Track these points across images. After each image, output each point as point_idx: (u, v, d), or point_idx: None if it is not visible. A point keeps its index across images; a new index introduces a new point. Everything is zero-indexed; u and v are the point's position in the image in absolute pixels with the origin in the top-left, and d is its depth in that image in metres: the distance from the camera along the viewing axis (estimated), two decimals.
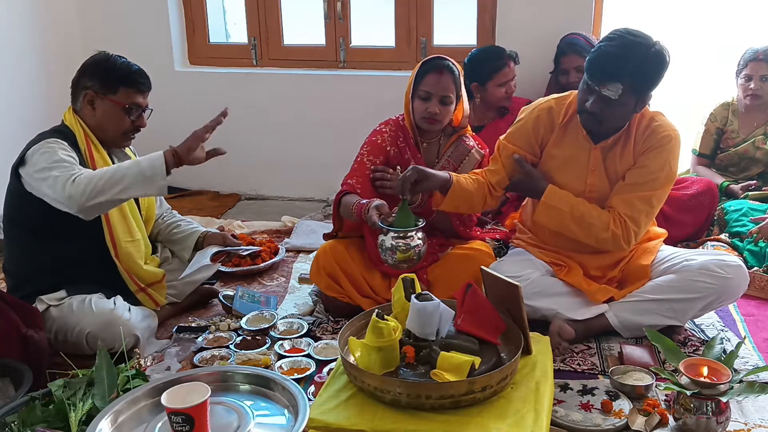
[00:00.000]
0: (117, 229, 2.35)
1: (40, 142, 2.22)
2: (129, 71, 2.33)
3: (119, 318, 2.23)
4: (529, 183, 2.35)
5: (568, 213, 2.26)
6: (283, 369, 2.18)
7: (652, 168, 2.23)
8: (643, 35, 2.13)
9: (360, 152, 2.60)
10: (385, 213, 2.21)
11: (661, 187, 2.25)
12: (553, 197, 2.29)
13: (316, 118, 3.99)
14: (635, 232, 2.24)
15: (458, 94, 2.51)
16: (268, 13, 4.02)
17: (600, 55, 2.14)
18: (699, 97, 3.78)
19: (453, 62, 2.51)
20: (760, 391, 1.79)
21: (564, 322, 2.28)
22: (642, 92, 2.16)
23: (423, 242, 2.12)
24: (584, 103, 2.21)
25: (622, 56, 2.10)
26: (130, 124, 2.35)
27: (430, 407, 1.56)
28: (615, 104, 2.15)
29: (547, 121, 2.36)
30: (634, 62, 2.10)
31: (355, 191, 2.46)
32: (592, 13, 3.58)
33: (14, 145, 2.42)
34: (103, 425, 1.37)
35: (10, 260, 2.38)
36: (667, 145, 2.24)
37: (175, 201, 3.95)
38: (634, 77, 2.11)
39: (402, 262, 2.10)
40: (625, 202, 2.24)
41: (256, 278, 2.99)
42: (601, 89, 2.13)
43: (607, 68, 2.11)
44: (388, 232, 2.10)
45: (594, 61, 2.16)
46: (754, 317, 2.57)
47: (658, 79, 2.16)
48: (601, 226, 2.23)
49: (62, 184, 2.10)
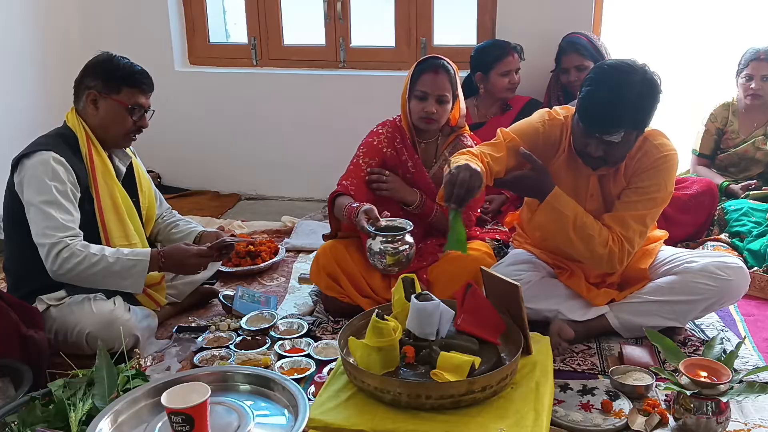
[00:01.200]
0: (113, 234, 2.35)
1: (38, 157, 2.20)
2: (132, 71, 2.33)
3: (119, 318, 2.22)
4: (537, 180, 2.20)
5: (571, 219, 2.17)
6: (283, 369, 2.18)
7: (649, 189, 2.19)
8: (628, 67, 2.05)
9: (356, 153, 2.60)
10: (373, 217, 2.20)
11: (656, 206, 2.21)
12: (560, 200, 2.18)
13: (316, 118, 3.99)
14: (629, 252, 2.20)
15: (455, 94, 2.51)
16: (268, 13, 4.02)
17: (594, 104, 2.05)
18: (699, 97, 3.78)
19: (449, 62, 2.51)
20: (760, 391, 1.79)
21: (564, 322, 2.28)
22: (643, 126, 2.12)
23: (410, 246, 2.13)
24: (585, 147, 2.14)
25: (617, 102, 2.01)
26: (132, 124, 2.35)
27: (430, 407, 1.56)
28: (619, 145, 2.09)
29: (557, 137, 2.28)
30: (631, 103, 2.03)
31: (348, 192, 2.46)
32: (592, 13, 3.58)
33: (14, 145, 2.43)
34: (103, 425, 1.37)
35: (11, 259, 2.37)
36: (662, 166, 2.19)
37: (175, 201, 3.95)
38: (633, 118, 2.06)
39: (391, 265, 2.11)
40: (619, 221, 2.19)
41: (256, 278, 2.99)
42: (602, 136, 2.07)
43: (606, 117, 2.04)
44: (375, 236, 2.11)
45: (589, 110, 2.07)
46: (754, 317, 2.57)
47: (655, 107, 2.10)
48: (600, 241, 2.17)
49: (47, 248, 2.14)
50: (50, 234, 2.15)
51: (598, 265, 2.25)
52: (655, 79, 2.07)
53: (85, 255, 2.15)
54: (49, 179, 2.18)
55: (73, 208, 2.22)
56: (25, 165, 2.22)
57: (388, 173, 2.52)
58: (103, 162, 2.35)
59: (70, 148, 2.29)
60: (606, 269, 2.27)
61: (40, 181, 2.18)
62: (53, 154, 2.22)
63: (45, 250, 2.15)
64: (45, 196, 2.17)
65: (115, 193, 2.36)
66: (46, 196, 2.17)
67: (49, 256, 2.14)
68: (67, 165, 2.23)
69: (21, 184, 2.23)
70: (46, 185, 2.18)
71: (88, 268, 2.15)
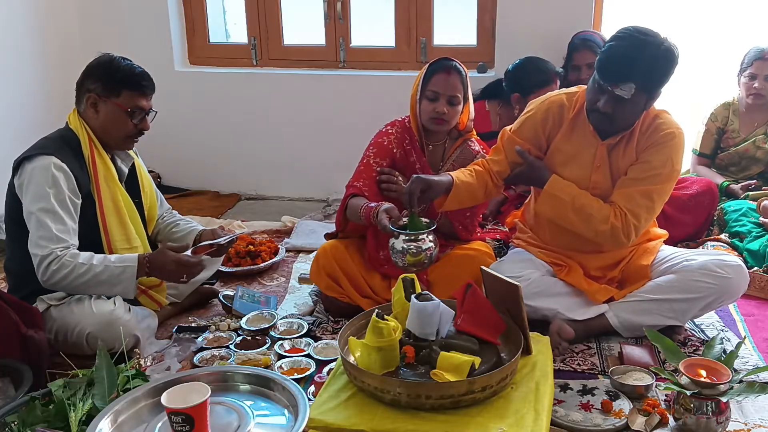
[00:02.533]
0: (114, 237, 2.35)
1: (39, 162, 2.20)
2: (132, 74, 2.32)
3: (119, 318, 2.22)
4: (532, 173, 2.33)
5: (569, 203, 2.25)
6: (283, 369, 2.18)
7: (655, 164, 2.23)
8: (652, 33, 2.12)
9: (365, 154, 2.58)
10: (395, 216, 2.19)
11: (662, 182, 2.24)
12: (556, 186, 2.27)
13: (316, 118, 4.00)
14: (635, 225, 2.22)
15: (465, 96, 2.51)
16: (268, 13, 4.02)
17: (611, 56, 2.13)
18: (699, 97, 3.77)
19: (460, 64, 2.51)
20: (760, 391, 1.79)
21: (564, 322, 2.28)
22: (653, 90, 2.16)
23: (435, 245, 2.09)
24: (595, 102, 2.19)
25: (633, 56, 2.08)
26: (133, 127, 2.34)
27: (430, 407, 1.56)
28: (627, 103, 2.14)
29: (557, 115, 2.34)
30: (646, 61, 2.09)
31: (362, 194, 2.45)
32: (592, 13, 3.58)
33: (15, 145, 2.43)
34: (103, 425, 1.37)
35: (12, 259, 2.37)
36: (670, 142, 2.23)
37: (175, 201, 3.95)
38: (646, 76, 2.10)
39: (412, 265, 2.08)
40: (625, 195, 2.23)
41: (256, 278, 2.99)
42: (613, 89, 2.11)
43: (620, 68, 2.10)
44: (399, 235, 2.09)
45: (605, 62, 2.14)
46: (754, 317, 2.57)
47: (668, 76, 2.15)
48: (600, 218, 2.22)
49: (39, 259, 2.17)
50: (43, 245, 2.17)
51: (605, 241, 2.29)
52: (674, 50, 2.13)
53: (74, 265, 2.17)
54: (48, 186, 2.19)
55: (69, 217, 2.23)
56: (25, 168, 2.22)
57: (398, 175, 2.52)
58: (106, 165, 2.35)
59: (72, 151, 2.29)
60: (613, 245, 2.32)
61: (39, 188, 2.19)
62: (54, 160, 2.22)
63: (37, 260, 2.18)
64: (42, 204, 2.18)
65: (117, 196, 2.36)
66: (43, 204, 2.18)
67: (40, 268, 2.18)
68: (68, 171, 2.23)
69: (21, 187, 2.23)
70: (45, 192, 2.19)
71: (77, 278, 2.18)
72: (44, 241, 2.18)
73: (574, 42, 3.39)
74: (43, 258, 2.17)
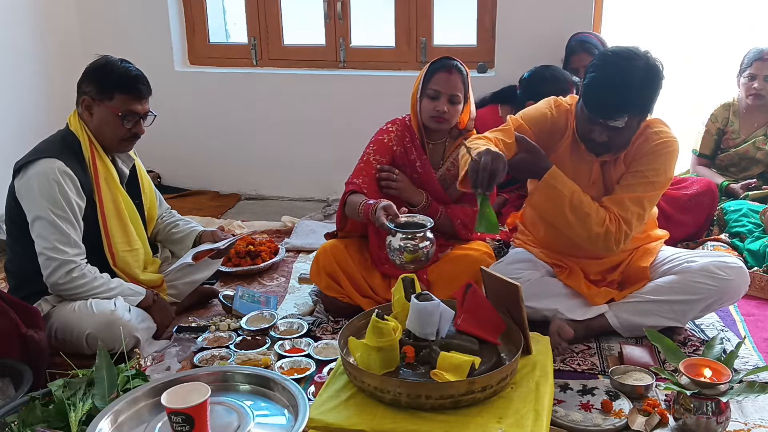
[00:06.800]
0: (115, 239, 2.35)
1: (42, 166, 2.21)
2: (126, 77, 2.30)
3: (119, 319, 2.22)
4: (532, 160, 2.22)
5: (567, 198, 2.18)
6: (283, 369, 2.18)
7: (647, 173, 2.20)
8: (631, 53, 2.08)
9: (366, 151, 2.58)
10: (392, 214, 2.19)
11: (653, 190, 2.21)
12: (556, 178, 2.19)
13: (316, 118, 4.00)
14: (626, 233, 2.19)
15: (466, 96, 2.51)
16: (268, 13, 4.02)
17: (598, 91, 2.08)
18: (699, 97, 3.78)
19: (462, 63, 2.51)
20: (760, 391, 1.79)
21: (564, 321, 2.28)
22: (646, 112, 2.15)
23: (431, 243, 2.09)
24: (589, 134, 2.16)
25: (620, 87, 2.04)
26: (126, 131, 2.32)
27: (430, 407, 1.56)
28: (622, 130, 2.12)
29: (564, 125, 2.31)
30: (635, 90, 2.06)
31: (361, 191, 2.45)
32: (592, 13, 3.58)
33: (15, 146, 2.43)
34: (103, 425, 1.37)
35: (12, 260, 2.37)
36: (661, 151, 2.21)
37: (175, 201, 3.95)
38: (637, 104, 2.09)
39: (409, 262, 2.08)
40: (617, 202, 2.20)
41: (256, 278, 2.99)
42: (606, 122, 2.09)
43: (610, 105, 2.07)
44: (396, 233, 2.09)
45: (592, 97, 2.10)
46: (754, 317, 2.57)
47: (658, 92, 2.13)
48: (597, 220, 2.18)
49: (60, 262, 2.22)
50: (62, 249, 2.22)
51: (595, 246, 2.23)
52: (658, 65, 2.10)
53: (94, 277, 2.28)
54: (57, 191, 2.20)
55: (78, 223, 2.25)
56: (27, 173, 2.23)
57: (398, 172, 2.52)
58: (106, 167, 2.35)
59: (73, 153, 2.29)
60: (603, 251, 2.25)
61: (47, 192, 2.20)
62: (59, 164, 2.22)
63: (55, 263, 2.22)
64: (52, 208, 2.20)
65: (118, 198, 2.37)
66: (54, 208, 2.20)
67: (57, 271, 2.22)
68: (73, 175, 2.24)
69: (23, 190, 2.23)
70: (54, 197, 2.20)
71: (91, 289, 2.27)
72: (63, 246, 2.21)
73: (571, 44, 3.38)
74: (63, 262, 2.20)
